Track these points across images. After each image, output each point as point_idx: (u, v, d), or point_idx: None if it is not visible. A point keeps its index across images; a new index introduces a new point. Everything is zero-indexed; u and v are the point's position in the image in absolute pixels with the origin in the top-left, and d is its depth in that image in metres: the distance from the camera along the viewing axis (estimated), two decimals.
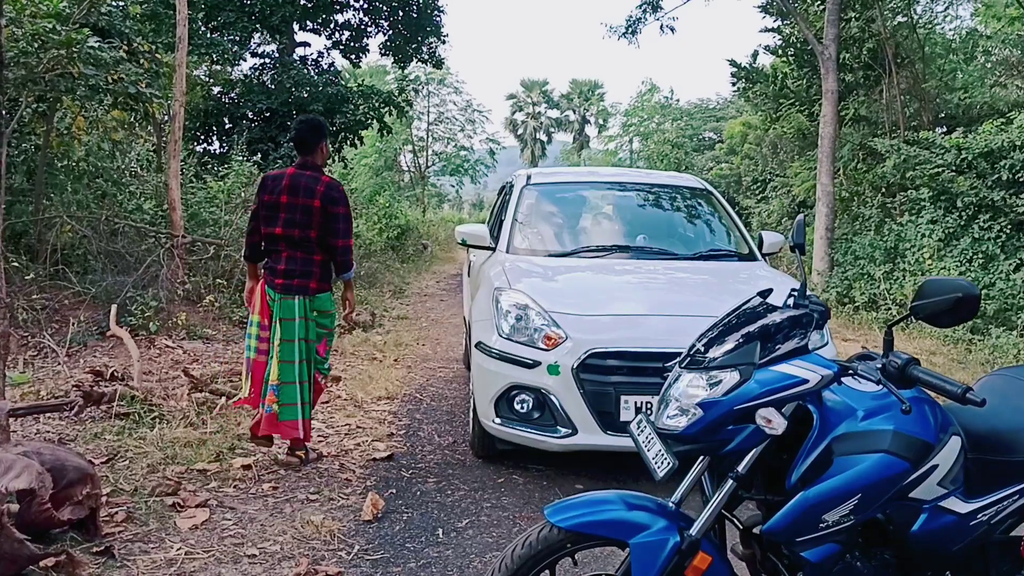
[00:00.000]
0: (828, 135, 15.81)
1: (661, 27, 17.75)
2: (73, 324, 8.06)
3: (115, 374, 6.69)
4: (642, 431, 2.46)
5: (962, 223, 12.90)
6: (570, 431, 4.45)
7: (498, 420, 4.65)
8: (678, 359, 2.38)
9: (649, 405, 4.36)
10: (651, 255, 5.52)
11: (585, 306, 4.65)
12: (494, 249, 5.79)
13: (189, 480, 4.60)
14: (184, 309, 9.09)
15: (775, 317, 2.34)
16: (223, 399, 5.99)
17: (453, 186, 46.48)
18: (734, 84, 23.98)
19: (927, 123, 18.61)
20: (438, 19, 21.21)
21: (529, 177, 6.25)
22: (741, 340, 2.28)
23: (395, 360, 8.10)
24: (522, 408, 4.57)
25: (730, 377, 2.22)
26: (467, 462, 5.10)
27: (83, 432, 5.30)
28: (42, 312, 8.35)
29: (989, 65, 22.14)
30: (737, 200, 25.69)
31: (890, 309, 12.15)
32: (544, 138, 66.46)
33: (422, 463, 5.07)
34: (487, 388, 4.68)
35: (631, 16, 17.67)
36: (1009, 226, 12.41)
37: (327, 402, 6.43)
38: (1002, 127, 13.12)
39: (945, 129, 17.28)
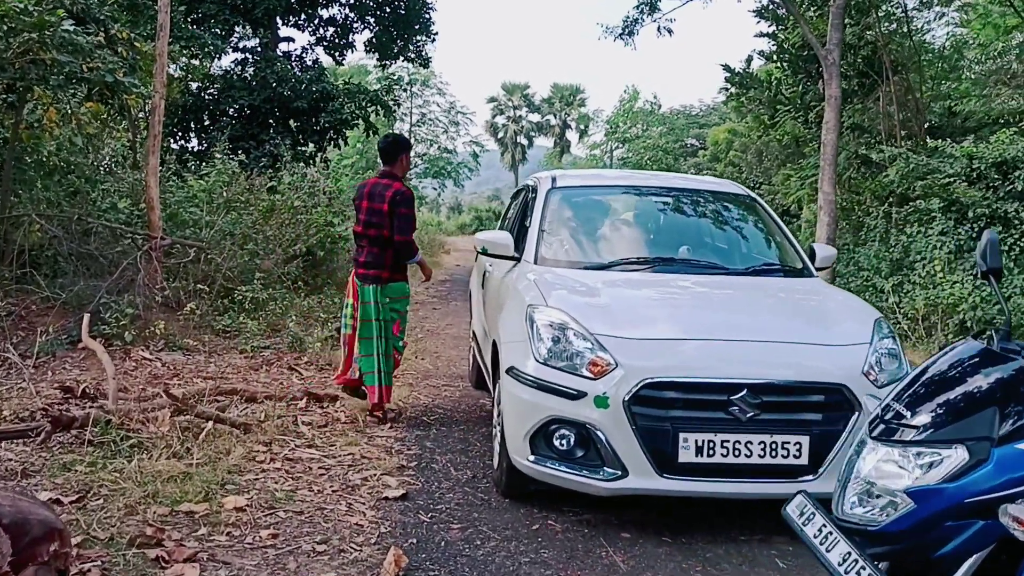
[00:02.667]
0: (831, 142, 15.32)
1: (659, 29, 17.23)
2: (41, 332, 7.37)
3: (87, 391, 6.03)
4: (809, 519, 1.85)
5: (973, 235, 12.48)
6: (619, 473, 3.85)
7: (533, 458, 4.05)
8: (872, 424, 1.77)
9: (711, 444, 3.78)
10: (698, 269, 4.94)
11: (634, 328, 4.06)
12: (518, 259, 5.18)
13: (174, 525, 3.95)
14: (162, 317, 8.40)
15: (1010, 371, 1.74)
16: (210, 424, 5.33)
17: (435, 188, 45.74)
18: (728, 89, 23.53)
19: (919, 132, 18.28)
20: (427, 16, 20.57)
21: (554, 180, 5.63)
22: (965, 403, 1.67)
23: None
24: (563, 445, 3.97)
25: (955, 456, 1.62)
26: (492, 503, 4.48)
27: (51, 462, 4.65)
28: (7, 319, 7.65)
29: (974, 75, 21.93)
30: None
31: (899, 323, 11.66)
32: (525, 142, 65.97)
33: (442, 504, 4.44)
34: (521, 421, 4.07)
35: (628, 17, 17.15)
36: (1023, 239, 12.00)
37: (324, 426, 5.80)
38: (1015, 136, 12.70)
39: (941, 138, 16.90)
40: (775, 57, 21.69)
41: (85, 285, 8.43)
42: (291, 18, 20.12)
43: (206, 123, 18.51)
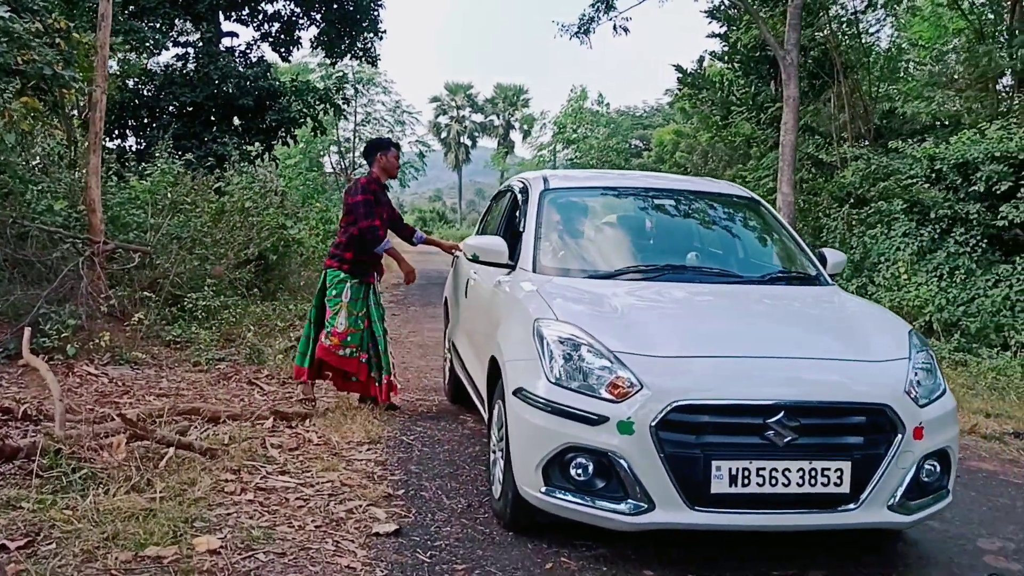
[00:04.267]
0: (789, 143, 15.25)
1: (615, 27, 16.98)
2: None
3: (28, 413, 5.47)
4: None
5: (935, 236, 12.45)
6: (644, 505, 3.47)
7: (546, 489, 3.64)
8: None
9: (746, 472, 3.43)
10: (711, 278, 4.59)
11: (656, 344, 3.68)
12: (512, 267, 4.78)
13: (140, 573, 3.47)
14: (107, 328, 7.82)
15: None
16: (171, 450, 4.82)
17: None
18: (680, 90, 23.43)
19: (867, 134, 18.40)
20: (375, 13, 20.01)
21: (547, 181, 5.22)
22: None
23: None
24: (580, 475, 3.58)
25: None
26: (496, 537, 4.06)
27: None
28: None
29: (916, 77, 22.23)
30: None
31: None
32: (468, 142, 65.56)
33: (439, 539, 4.01)
34: (533, 449, 3.67)
35: (584, 15, 16.88)
36: (985, 240, 11.99)
37: (296, 449, 5.33)
38: (975, 137, 12.70)
39: (885, 141, 16.97)
40: (727, 58, 21.66)
41: (22, 294, 7.80)
42: (234, 13, 19.41)
43: (145, 121, 17.71)
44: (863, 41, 20.44)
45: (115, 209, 10.05)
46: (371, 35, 20.58)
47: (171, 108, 17.56)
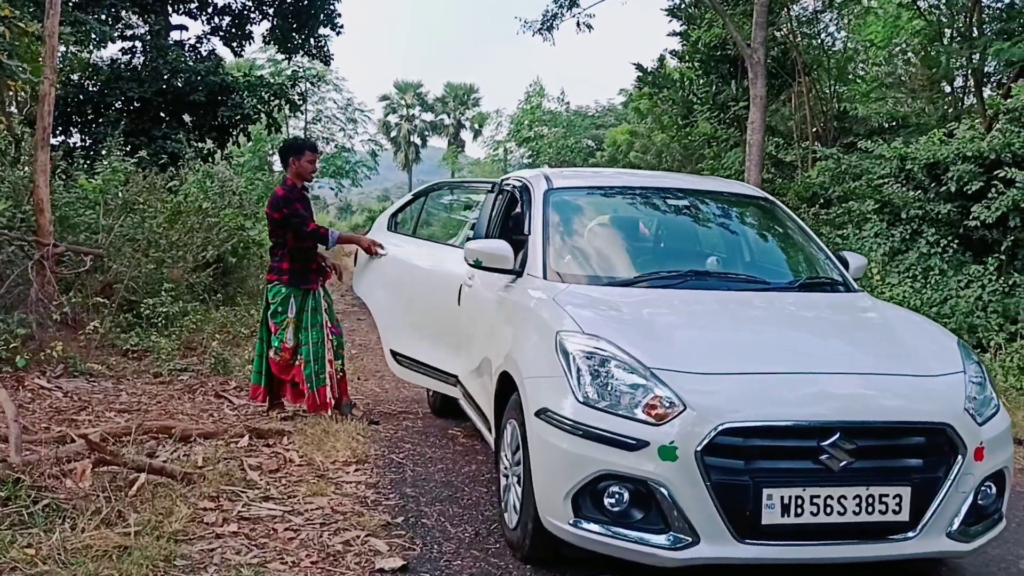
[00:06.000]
0: (757, 142, 15.18)
1: (578, 24, 16.70)
2: None
3: None
4: None
5: (907, 237, 12.37)
6: (688, 539, 3.15)
7: (575, 520, 3.29)
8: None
9: (799, 500, 3.12)
10: (738, 284, 4.27)
11: (694, 358, 3.36)
12: (519, 274, 4.41)
13: None
14: (59, 337, 7.27)
15: None
16: (142, 476, 4.37)
17: (332, 188, 44.06)
18: (640, 89, 23.26)
19: (823, 134, 18.44)
20: (332, 7, 19.39)
21: (549, 180, 4.83)
22: None
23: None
24: (616, 505, 3.24)
25: None
26: (513, 571, 3.68)
27: None
28: None
29: (868, 78, 22.42)
30: None
31: None
32: (419, 141, 64.85)
33: (451, 575, 3.63)
34: (561, 476, 3.31)
35: (548, 11, 16.56)
36: (956, 241, 11.94)
37: (276, 471, 4.90)
38: (944, 138, 12.66)
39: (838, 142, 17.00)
40: (687, 57, 21.54)
41: None
42: (183, 5, 18.66)
43: (90, 117, 16.93)
44: (822, 41, 20.52)
45: (63, 209, 9.43)
46: (328, 30, 19.96)
47: (118, 104, 16.79)
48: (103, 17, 16.25)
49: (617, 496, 3.23)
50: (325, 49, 20.48)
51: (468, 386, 5.01)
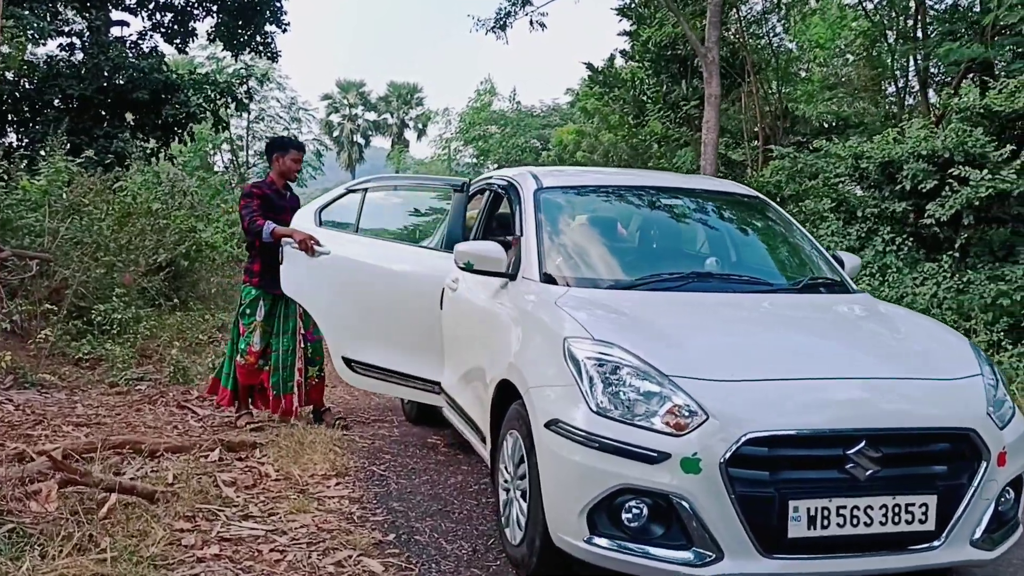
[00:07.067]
0: (711, 141, 15.20)
1: (531, 22, 16.60)
2: None
3: None
4: None
5: (863, 235, 12.48)
6: (712, 555, 3.00)
7: (591, 538, 3.13)
8: None
9: (826, 512, 3.00)
10: (741, 286, 4.15)
11: (711, 364, 3.22)
12: (512, 277, 4.22)
13: None
14: (7, 346, 6.89)
15: None
16: (113, 496, 4.09)
17: None
18: (590, 88, 23.22)
19: (771, 133, 18.61)
20: (278, 3, 18.96)
21: (538, 179, 4.65)
22: None
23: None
24: (634, 521, 3.08)
25: None
26: None
27: None
28: None
29: (814, 79, 22.73)
30: None
31: None
32: (362, 141, 64.17)
33: None
34: (576, 491, 3.14)
35: (501, 9, 16.41)
36: (911, 239, 12.07)
37: (253, 486, 4.65)
38: (897, 137, 12.81)
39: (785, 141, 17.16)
40: (637, 56, 21.55)
41: None
42: (123, 1, 18.08)
43: (26, 116, 16.29)
44: (770, 41, 20.70)
45: (5, 212, 8.98)
46: (273, 28, 19.52)
47: (56, 102, 16.18)
48: (40, 12, 15.64)
49: (636, 511, 3.08)
50: (272, 46, 20.04)
51: (454, 395, 4.80)
